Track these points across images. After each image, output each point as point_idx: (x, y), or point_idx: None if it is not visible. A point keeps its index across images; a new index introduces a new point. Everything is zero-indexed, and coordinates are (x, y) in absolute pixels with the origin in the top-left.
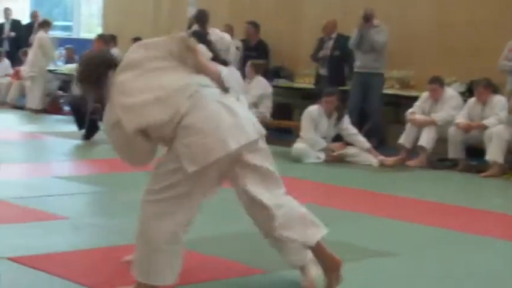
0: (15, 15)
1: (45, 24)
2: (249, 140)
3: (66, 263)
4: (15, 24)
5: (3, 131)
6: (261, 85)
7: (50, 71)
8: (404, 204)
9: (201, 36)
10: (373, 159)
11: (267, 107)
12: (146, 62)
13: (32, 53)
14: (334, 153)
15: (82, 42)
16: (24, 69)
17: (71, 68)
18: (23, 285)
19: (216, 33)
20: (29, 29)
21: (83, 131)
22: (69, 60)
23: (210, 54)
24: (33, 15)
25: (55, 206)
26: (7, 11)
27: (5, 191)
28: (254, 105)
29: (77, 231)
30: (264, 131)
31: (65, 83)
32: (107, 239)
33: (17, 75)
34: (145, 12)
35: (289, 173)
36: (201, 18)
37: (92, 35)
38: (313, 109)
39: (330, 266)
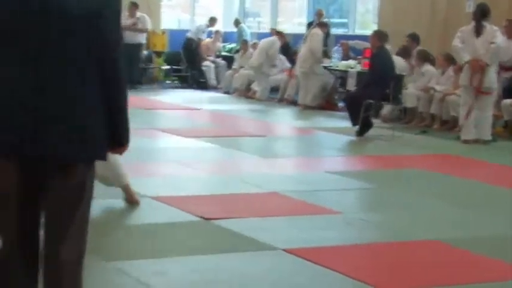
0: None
1: (323, 25)
2: None
3: (339, 257)
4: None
5: (280, 126)
6: None
7: (325, 67)
8: None
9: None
10: None
11: None
12: None
13: (304, 49)
14: None
15: (358, 39)
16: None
17: (347, 64)
18: (299, 277)
19: (491, 30)
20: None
21: (357, 127)
22: (344, 56)
23: None
24: (318, 13)
25: (327, 200)
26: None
27: (278, 184)
28: None
29: (349, 226)
30: None
31: (341, 79)
32: (377, 235)
33: (290, 72)
34: (422, 7)
35: None
36: (480, 12)
37: (367, 32)
38: None
39: None
